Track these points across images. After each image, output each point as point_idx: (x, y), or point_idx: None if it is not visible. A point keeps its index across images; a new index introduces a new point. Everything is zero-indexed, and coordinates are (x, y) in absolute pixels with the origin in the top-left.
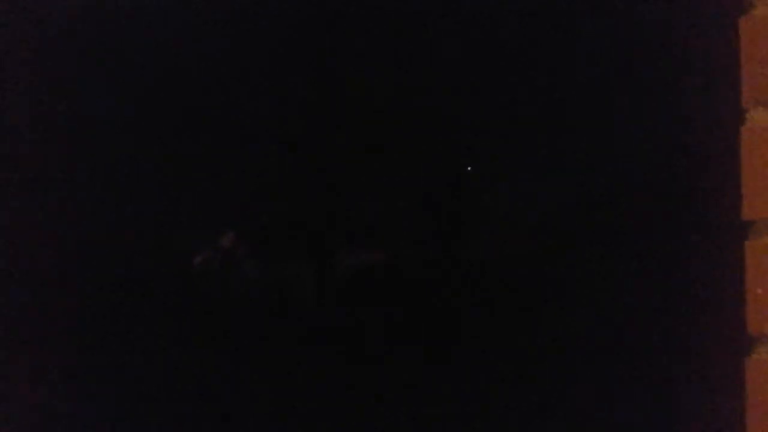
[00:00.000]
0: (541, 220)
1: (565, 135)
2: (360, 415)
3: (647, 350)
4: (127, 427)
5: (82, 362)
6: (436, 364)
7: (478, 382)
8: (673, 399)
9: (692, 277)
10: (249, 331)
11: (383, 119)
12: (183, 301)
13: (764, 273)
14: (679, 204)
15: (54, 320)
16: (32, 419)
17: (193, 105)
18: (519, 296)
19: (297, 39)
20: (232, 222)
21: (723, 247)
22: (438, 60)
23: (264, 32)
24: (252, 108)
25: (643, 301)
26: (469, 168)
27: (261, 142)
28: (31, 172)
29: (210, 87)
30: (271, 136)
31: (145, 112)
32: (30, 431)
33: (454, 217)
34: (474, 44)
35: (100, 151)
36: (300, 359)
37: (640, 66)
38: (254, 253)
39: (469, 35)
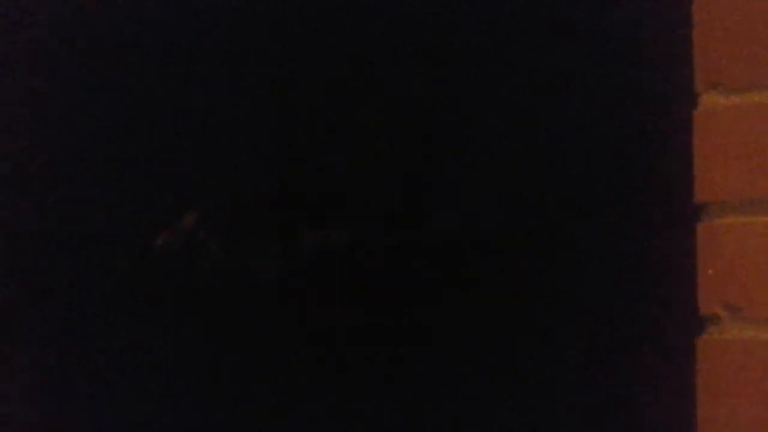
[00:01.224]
0: (501, 202)
1: (513, 117)
2: (326, 396)
3: (599, 330)
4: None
5: (41, 343)
6: (401, 344)
7: (446, 364)
8: (624, 379)
9: (644, 258)
10: (212, 312)
11: (353, 100)
12: (145, 284)
13: (715, 254)
14: (631, 186)
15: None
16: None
17: (156, 85)
18: (486, 276)
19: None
20: (194, 202)
21: (675, 229)
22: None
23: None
24: (216, 86)
25: (593, 281)
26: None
27: (226, 120)
28: None
29: (173, 67)
30: (236, 113)
31: (107, 92)
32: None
33: (423, 200)
34: (434, 27)
35: (54, 129)
36: (265, 339)
37: (590, 46)
38: (217, 233)
39: (432, 20)
